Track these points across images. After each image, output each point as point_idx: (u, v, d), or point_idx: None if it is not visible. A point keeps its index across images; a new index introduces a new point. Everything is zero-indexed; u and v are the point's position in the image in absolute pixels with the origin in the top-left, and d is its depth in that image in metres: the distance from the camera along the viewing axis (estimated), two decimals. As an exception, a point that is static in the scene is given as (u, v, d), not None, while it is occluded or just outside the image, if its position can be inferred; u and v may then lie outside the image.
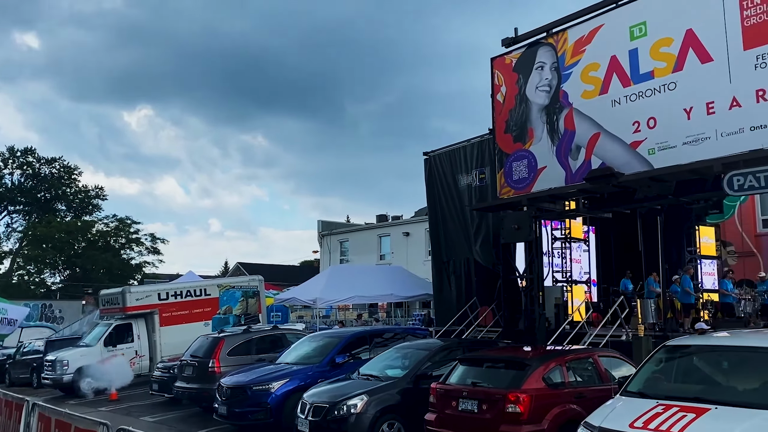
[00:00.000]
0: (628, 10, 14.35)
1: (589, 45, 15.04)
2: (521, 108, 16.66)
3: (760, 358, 6.91)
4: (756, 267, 21.70)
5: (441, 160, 21.83)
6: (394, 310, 36.49)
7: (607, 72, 14.53)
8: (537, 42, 16.49)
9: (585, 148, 14.92)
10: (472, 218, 20.23)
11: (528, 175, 16.31)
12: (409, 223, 42.76)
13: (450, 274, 21.26)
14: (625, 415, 6.37)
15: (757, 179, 11.09)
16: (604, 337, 14.95)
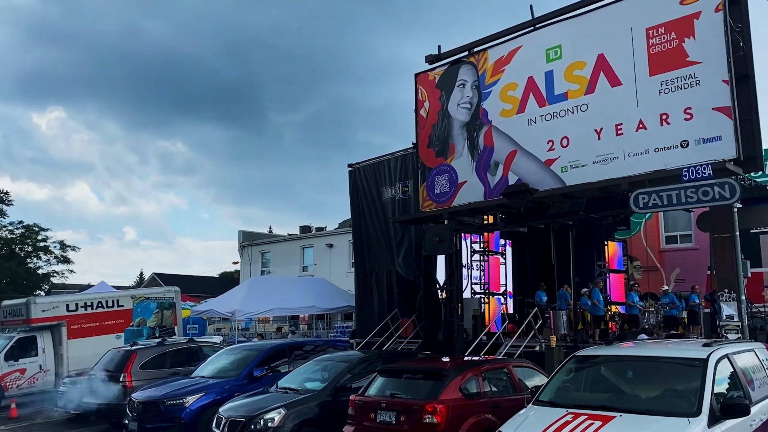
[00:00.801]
0: (545, 33, 14.99)
1: (508, 65, 15.60)
2: (443, 123, 17.03)
3: (661, 367, 7.28)
4: (659, 281, 23.06)
5: (365, 173, 21.93)
6: (316, 322, 36.18)
7: (524, 92, 15.11)
8: (459, 60, 16.94)
9: (503, 165, 15.42)
10: (395, 231, 20.41)
11: (449, 189, 16.66)
12: (332, 234, 42.58)
13: (372, 286, 21.32)
14: (537, 424, 6.54)
15: (661, 198, 11.75)
16: (519, 348, 15.38)
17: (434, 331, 18.55)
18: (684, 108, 12.36)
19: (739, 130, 11.66)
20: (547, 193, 14.43)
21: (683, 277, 22.88)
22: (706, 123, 12.03)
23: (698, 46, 12.30)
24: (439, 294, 19.21)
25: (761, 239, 20.75)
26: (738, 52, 12.08)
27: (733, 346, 7.79)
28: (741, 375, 7.25)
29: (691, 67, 12.35)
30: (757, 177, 15.62)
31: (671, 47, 12.67)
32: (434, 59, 17.54)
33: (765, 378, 7.99)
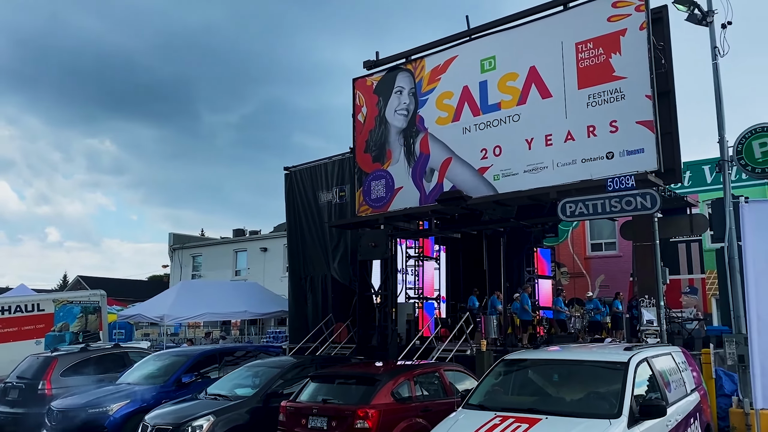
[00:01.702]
0: (480, 44, 15.33)
1: (444, 74, 15.86)
2: (381, 129, 17.14)
3: (585, 370, 7.53)
4: (585, 287, 23.90)
5: (302, 176, 21.77)
6: (248, 327, 35.60)
7: (459, 101, 15.40)
8: (397, 67, 17.10)
9: (438, 172, 15.64)
10: (331, 235, 20.35)
11: (385, 194, 16.76)
12: (267, 238, 42.03)
13: (307, 290, 21.16)
14: (465, 428, 6.64)
15: (587, 207, 12.21)
16: (451, 352, 15.60)
17: (368, 335, 18.57)
18: (610, 121, 12.88)
19: (660, 144, 12.24)
20: (480, 200, 14.73)
21: (607, 283, 23.81)
22: (630, 136, 12.57)
23: (624, 61, 12.85)
24: (373, 299, 19.25)
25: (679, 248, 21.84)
26: (660, 68, 12.70)
27: (652, 350, 8.15)
28: (659, 377, 7.58)
29: (616, 81, 12.89)
30: (676, 188, 16.43)
31: (599, 62, 13.19)
32: (372, 65, 17.64)
33: (681, 380, 8.40)
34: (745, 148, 12.58)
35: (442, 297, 22.09)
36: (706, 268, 21.94)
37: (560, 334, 17.80)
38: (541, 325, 19.75)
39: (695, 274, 21.84)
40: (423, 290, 20.85)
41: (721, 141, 12.37)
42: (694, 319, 19.49)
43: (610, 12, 13.08)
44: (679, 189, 20.23)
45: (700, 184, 24.11)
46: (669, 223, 13.99)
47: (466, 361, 13.83)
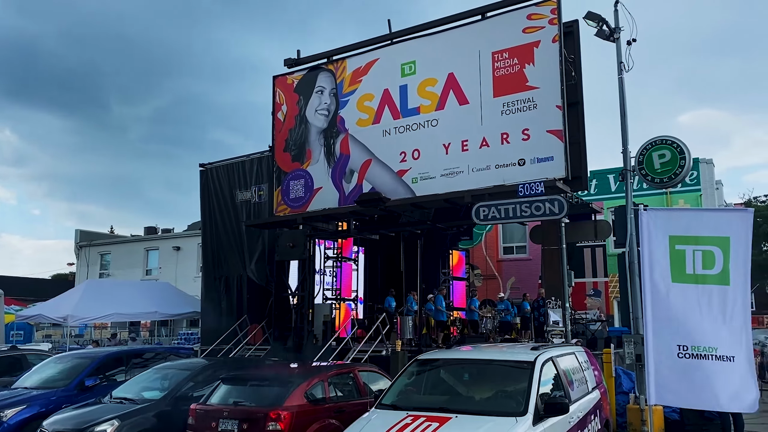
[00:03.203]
0: (401, 48, 15.54)
1: (365, 76, 15.96)
2: (301, 128, 17.01)
3: (494, 369, 7.75)
4: (497, 288, 24.63)
5: (218, 174, 21.28)
6: (159, 328, 34.40)
7: (380, 103, 15.54)
8: (318, 67, 17.03)
9: (358, 173, 15.71)
10: (249, 235, 19.99)
11: (304, 194, 16.65)
12: (180, 236, 40.78)
13: (221, 291, 20.69)
14: (378, 428, 6.68)
15: (499, 211, 12.61)
16: (366, 353, 15.67)
17: (284, 337, 18.39)
18: (522, 129, 13.38)
19: (568, 152, 12.83)
20: (399, 202, 14.91)
21: (518, 285, 24.63)
22: (540, 144, 13.11)
23: (537, 72, 13.38)
24: (290, 300, 19.07)
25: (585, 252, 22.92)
26: (570, 80, 13.31)
27: (557, 350, 8.48)
28: (563, 376, 7.90)
29: (529, 91, 13.41)
30: (583, 195, 17.23)
31: (513, 72, 13.67)
32: (293, 63, 17.49)
33: (583, 378, 8.80)
34: (646, 159, 13.32)
35: (360, 298, 22.16)
36: (609, 271, 23.13)
37: (472, 335, 18.24)
38: (455, 326, 20.18)
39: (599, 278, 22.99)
40: (341, 291, 20.85)
41: (624, 152, 13.03)
42: (597, 321, 20.50)
43: (526, 24, 13.58)
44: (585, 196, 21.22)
45: (605, 192, 25.40)
46: (575, 228, 14.65)
47: (382, 362, 13.93)
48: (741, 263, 7.50)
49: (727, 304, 7.49)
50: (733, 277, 7.47)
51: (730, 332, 7.44)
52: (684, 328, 7.56)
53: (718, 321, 7.49)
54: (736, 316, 7.48)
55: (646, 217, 7.93)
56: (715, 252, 7.54)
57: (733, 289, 7.47)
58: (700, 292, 7.59)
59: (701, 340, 7.48)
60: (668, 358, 7.56)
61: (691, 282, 7.61)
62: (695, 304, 7.58)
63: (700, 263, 7.57)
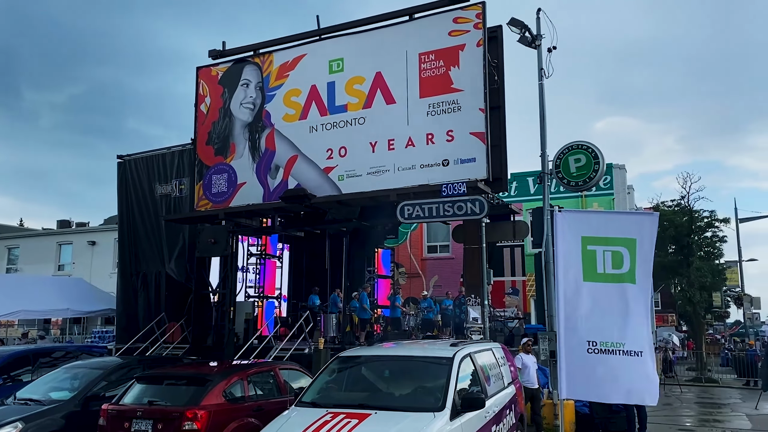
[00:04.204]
0: (329, 44, 15.47)
1: (292, 71, 15.79)
2: (225, 122, 16.65)
3: (414, 366, 7.87)
4: (420, 286, 25.00)
5: (137, 166, 20.53)
6: (71, 326, 32.87)
7: (307, 99, 15.42)
8: (244, 59, 16.72)
9: (283, 169, 15.53)
10: (168, 230, 19.39)
11: (227, 189, 16.31)
12: (96, 231, 39.13)
13: (138, 288, 19.99)
14: (297, 426, 6.64)
15: (423, 210, 12.80)
16: (289, 351, 15.56)
17: (204, 335, 17.97)
18: (447, 130, 13.61)
19: (490, 154, 13.15)
20: (324, 199, 14.85)
21: (441, 284, 25.09)
22: (464, 145, 13.37)
23: (461, 75, 13.64)
24: (211, 297, 18.66)
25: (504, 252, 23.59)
26: (493, 84, 13.65)
27: (475, 346, 8.71)
28: (480, 372, 8.12)
29: (454, 93, 13.65)
30: (504, 197, 17.73)
31: (439, 74, 13.88)
32: (218, 55, 17.09)
33: (499, 374, 9.07)
34: (563, 163, 13.86)
35: (284, 296, 21.94)
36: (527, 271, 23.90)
37: (395, 332, 18.43)
38: (379, 323, 20.33)
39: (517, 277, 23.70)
40: (264, 289, 20.58)
41: (542, 155, 13.53)
42: (515, 318, 21.19)
43: (452, 27, 13.82)
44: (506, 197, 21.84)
45: (524, 194, 26.27)
46: (495, 228, 15.07)
47: (304, 360, 13.88)
48: (645, 263, 7.96)
49: (633, 301, 7.92)
50: (639, 275, 7.92)
51: (636, 328, 7.88)
52: (593, 325, 7.94)
53: (625, 317, 7.91)
54: (641, 313, 7.93)
55: (560, 218, 8.27)
56: (623, 252, 7.96)
57: (638, 287, 7.92)
58: (609, 290, 7.99)
59: (609, 336, 7.87)
60: (579, 354, 7.92)
61: (601, 281, 8.00)
62: (604, 301, 7.98)
63: (610, 263, 7.98)
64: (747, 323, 39.66)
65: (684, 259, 26.33)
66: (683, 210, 26.58)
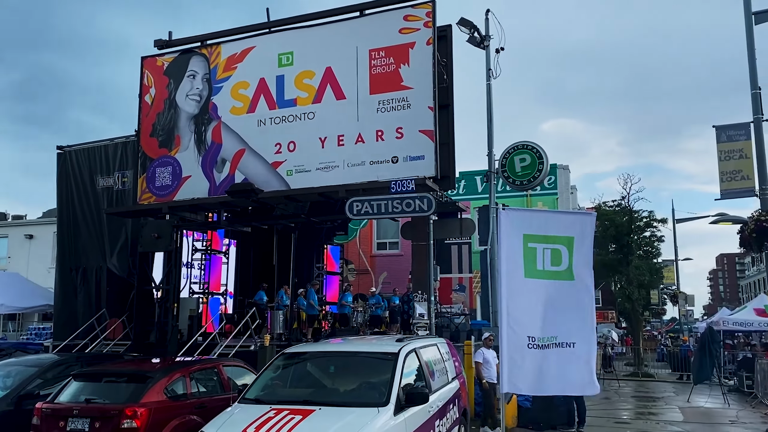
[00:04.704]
0: (279, 38, 15.31)
1: (241, 63, 15.55)
2: (170, 113, 16.28)
3: (360, 361, 7.89)
4: (369, 283, 25.07)
5: (78, 158, 19.88)
6: (6, 323, 31.61)
7: (255, 92, 15.21)
8: (191, 50, 16.37)
9: (230, 162, 15.29)
10: (110, 224, 18.86)
11: (171, 182, 15.94)
12: (33, 224, 37.76)
13: (78, 283, 19.37)
14: (239, 422, 6.56)
15: (372, 206, 12.81)
16: (234, 348, 15.36)
17: (146, 332, 17.56)
18: (396, 127, 13.65)
19: (438, 152, 13.27)
20: (272, 194, 14.70)
21: (389, 280, 25.21)
22: (413, 143, 13.45)
23: (411, 73, 13.71)
24: (154, 293, 18.25)
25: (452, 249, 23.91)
26: (442, 83, 13.78)
27: (420, 342, 8.79)
28: (425, 367, 8.20)
29: (404, 91, 13.70)
30: (452, 195, 17.95)
31: (389, 71, 13.92)
32: (164, 45, 16.68)
33: (444, 369, 9.18)
34: (509, 162, 14.15)
35: (230, 292, 21.62)
36: (474, 268, 24.32)
37: (342, 329, 18.43)
38: (327, 320, 20.28)
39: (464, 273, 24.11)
40: (209, 285, 20.23)
41: (489, 155, 13.77)
42: (461, 314, 21.46)
43: (402, 24, 13.87)
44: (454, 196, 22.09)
45: (472, 192, 26.63)
46: (442, 226, 15.22)
47: (250, 357, 13.71)
48: (584, 261, 8.20)
49: (571, 297, 8.15)
50: (577, 273, 8.16)
51: (573, 324, 8.11)
52: (534, 321, 8.13)
53: (563, 314, 8.13)
54: (579, 309, 8.17)
55: (504, 216, 8.43)
56: (561, 250, 8.18)
57: (577, 284, 8.15)
58: (548, 286, 8.20)
59: (548, 331, 8.08)
60: (520, 349, 8.09)
61: (541, 277, 8.20)
62: (544, 297, 8.18)
63: (549, 260, 8.19)
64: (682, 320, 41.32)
65: (624, 258, 27.22)
66: (623, 210, 27.46)
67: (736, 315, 22.19)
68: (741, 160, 13.26)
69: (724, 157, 13.48)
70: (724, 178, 13.45)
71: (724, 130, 13.64)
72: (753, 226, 12.26)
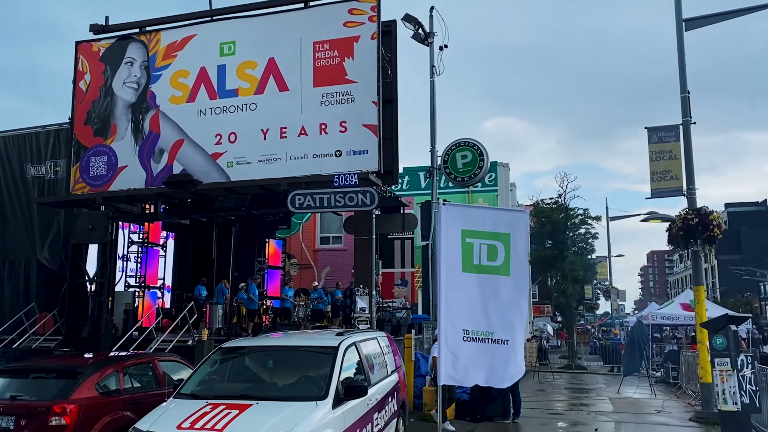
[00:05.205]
0: (221, 26, 15.03)
1: (181, 51, 15.20)
2: (106, 101, 15.76)
3: (299, 356, 7.86)
4: (312, 277, 24.95)
5: (6, 145, 19.01)
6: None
7: (196, 81, 14.90)
8: (129, 36, 15.90)
9: (168, 153, 14.93)
10: (41, 215, 18.12)
11: (107, 172, 15.45)
12: (-44, 213, 35.79)
13: (5, 276, 18.54)
14: (174, 418, 6.42)
15: (314, 200, 12.73)
16: (171, 342, 15.04)
17: (78, 327, 16.98)
18: (340, 121, 13.64)
19: (382, 147, 13.34)
20: (211, 186, 14.44)
21: (333, 275, 25.14)
22: (356, 137, 13.47)
23: (356, 67, 13.71)
24: (88, 287, 17.65)
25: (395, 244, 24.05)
26: (386, 78, 13.84)
27: (360, 335, 8.81)
28: (365, 360, 8.23)
29: (348, 84, 13.70)
30: (397, 190, 18.06)
31: (334, 64, 13.88)
32: (100, 30, 16.12)
33: (384, 362, 9.24)
34: (451, 158, 14.33)
35: (167, 286, 21.14)
36: (416, 263, 24.52)
37: (284, 323, 18.29)
38: (267, 314, 20.08)
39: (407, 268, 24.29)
40: (146, 278, 19.72)
41: (432, 151, 13.91)
42: (403, 308, 21.62)
43: (347, 18, 13.85)
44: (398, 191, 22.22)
45: (416, 188, 26.86)
46: (385, 220, 15.29)
47: (187, 352, 13.46)
48: (519, 257, 8.41)
49: (505, 292, 8.35)
50: (513, 268, 8.36)
51: (506, 318, 8.32)
52: (469, 314, 8.29)
53: (498, 308, 8.33)
54: (513, 304, 8.38)
55: (444, 211, 8.55)
56: (498, 246, 8.36)
57: (512, 279, 8.35)
58: (484, 281, 8.37)
59: (483, 324, 8.26)
60: (456, 342, 8.23)
61: (477, 272, 8.36)
62: (479, 292, 8.34)
63: (486, 255, 8.35)
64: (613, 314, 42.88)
65: (559, 254, 27.99)
66: (560, 208, 28.22)
67: (663, 309, 23.19)
68: (670, 160, 13.82)
69: (655, 158, 14.02)
70: (655, 178, 13.99)
71: (655, 132, 14.18)
72: (680, 224, 12.83)
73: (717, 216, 12.82)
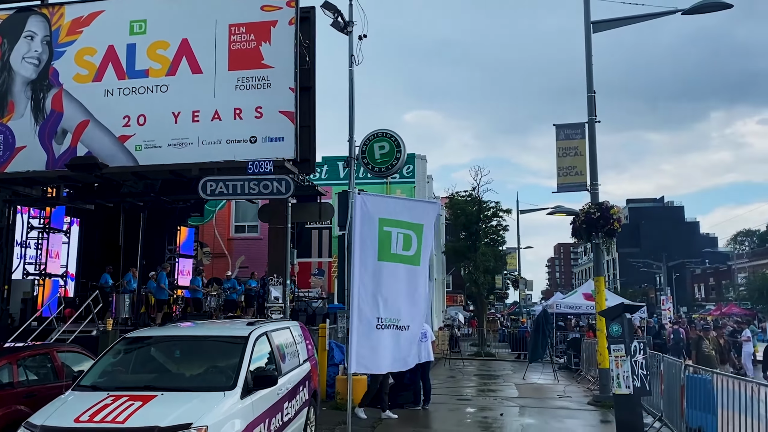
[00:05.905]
0: (131, 4, 14.39)
1: (87, 27, 14.41)
2: (2, 76, 14.76)
3: (208, 345, 7.70)
4: (226, 267, 24.43)
5: None
6: None
7: (103, 60, 14.18)
8: (29, 8, 14.93)
9: (72, 134, 14.16)
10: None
11: (3, 152, 14.48)
12: None
13: None
14: (71, 411, 6.16)
15: (227, 186, 12.47)
16: (74, 333, 14.35)
17: (-31, 316, 15.89)
18: (255, 106, 13.37)
19: (298, 135, 13.18)
20: (118, 170, 13.83)
21: (247, 264, 24.72)
22: (272, 123, 13.24)
23: (273, 52, 13.46)
24: (-20, 274, 16.53)
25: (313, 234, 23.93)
26: (304, 65, 13.68)
27: (272, 325, 8.73)
28: (276, 350, 8.16)
29: (264, 69, 13.44)
30: (314, 180, 17.94)
31: (250, 47, 13.57)
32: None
33: (296, 352, 9.19)
34: (369, 149, 14.37)
35: (71, 274, 20.09)
36: (333, 252, 24.51)
37: (195, 313, 17.84)
38: (178, 304, 19.50)
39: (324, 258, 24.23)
40: (46, 266, 18.65)
41: (350, 141, 13.89)
42: (319, 298, 21.61)
43: (264, 1, 13.57)
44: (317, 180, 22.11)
45: (334, 177, 26.81)
46: (301, 209, 15.19)
47: (91, 342, 12.90)
48: (428, 248, 8.64)
49: (415, 281, 8.54)
50: (422, 258, 8.56)
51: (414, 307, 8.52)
52: (383, 302, 8.40)
53: (407, 296, 8.51)
54: (420, 293, 8.60)
55: (359, 200, 8.59)
56: (412, 236, 8.52)
57: (421, 268, 8.56)
58: (398, 269, 8.52)
59: (395, 312, 8.40)
60: (368, 330, 8.32)
61: (393, 261, 8.49)
62: (393, 280, 8.48)
63: (402, 244, 8.49)
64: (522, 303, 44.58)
65: (472, 245, 28.77)
66: (473, 200, 28.97)
67: (567, 299, 24.29)
68: (576, 157, 14.47)
69: (562, 154, 14.63)
70: (561, 173, 14.60)
71: (562, 129, 14.79)
72: (583, 218, 13.47)
73: (617, 210, 13.53)
